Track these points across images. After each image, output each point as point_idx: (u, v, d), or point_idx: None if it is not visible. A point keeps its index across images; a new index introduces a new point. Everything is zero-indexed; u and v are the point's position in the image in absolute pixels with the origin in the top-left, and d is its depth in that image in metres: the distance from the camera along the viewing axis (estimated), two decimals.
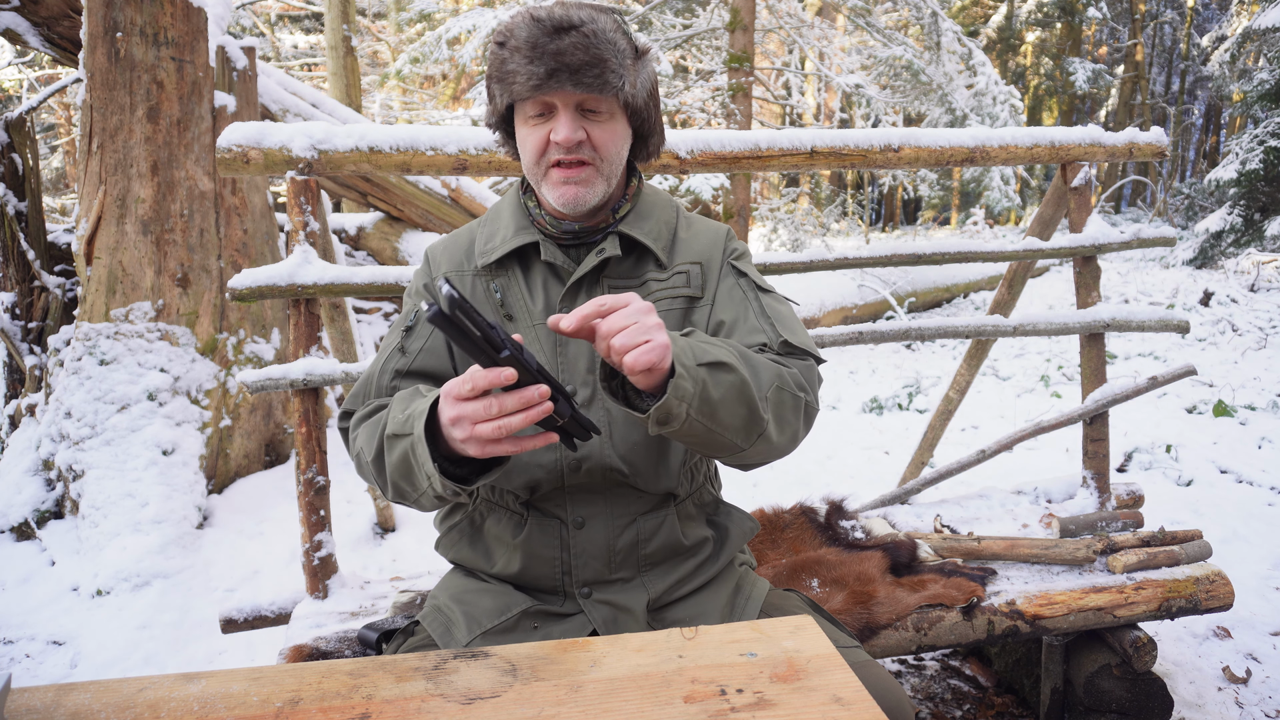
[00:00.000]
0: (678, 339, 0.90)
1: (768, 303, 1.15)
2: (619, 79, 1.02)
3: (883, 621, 1.65)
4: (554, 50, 0.98)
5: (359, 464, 1.10)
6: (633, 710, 0.72)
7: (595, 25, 1.00)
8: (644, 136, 1.14)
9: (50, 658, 2.44)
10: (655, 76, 1.11)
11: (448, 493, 0.92)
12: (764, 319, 1.12)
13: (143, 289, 3.28)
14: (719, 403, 0.91)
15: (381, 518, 3.23)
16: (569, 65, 0.99)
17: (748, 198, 7.23)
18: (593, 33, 1.00)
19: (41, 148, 15.94)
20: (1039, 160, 2.22)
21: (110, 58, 3.18)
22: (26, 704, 0.74)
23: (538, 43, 0.99)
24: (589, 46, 0.99)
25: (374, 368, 1.17)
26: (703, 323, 1.16)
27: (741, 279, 1.17)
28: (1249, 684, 2.09)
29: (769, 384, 0.98)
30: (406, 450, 0.94)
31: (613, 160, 1.08)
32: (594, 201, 1.08)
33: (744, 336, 1.11)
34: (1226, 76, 10.54)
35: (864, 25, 9.25)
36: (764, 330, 1.11)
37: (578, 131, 1.03)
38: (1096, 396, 2.23)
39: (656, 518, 1.15)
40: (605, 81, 1.01)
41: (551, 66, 0.99)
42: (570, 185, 1.06)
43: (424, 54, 7.74)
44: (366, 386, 1.17)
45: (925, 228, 18.19)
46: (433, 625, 1.16)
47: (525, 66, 1.00)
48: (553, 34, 0.99)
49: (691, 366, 0.88)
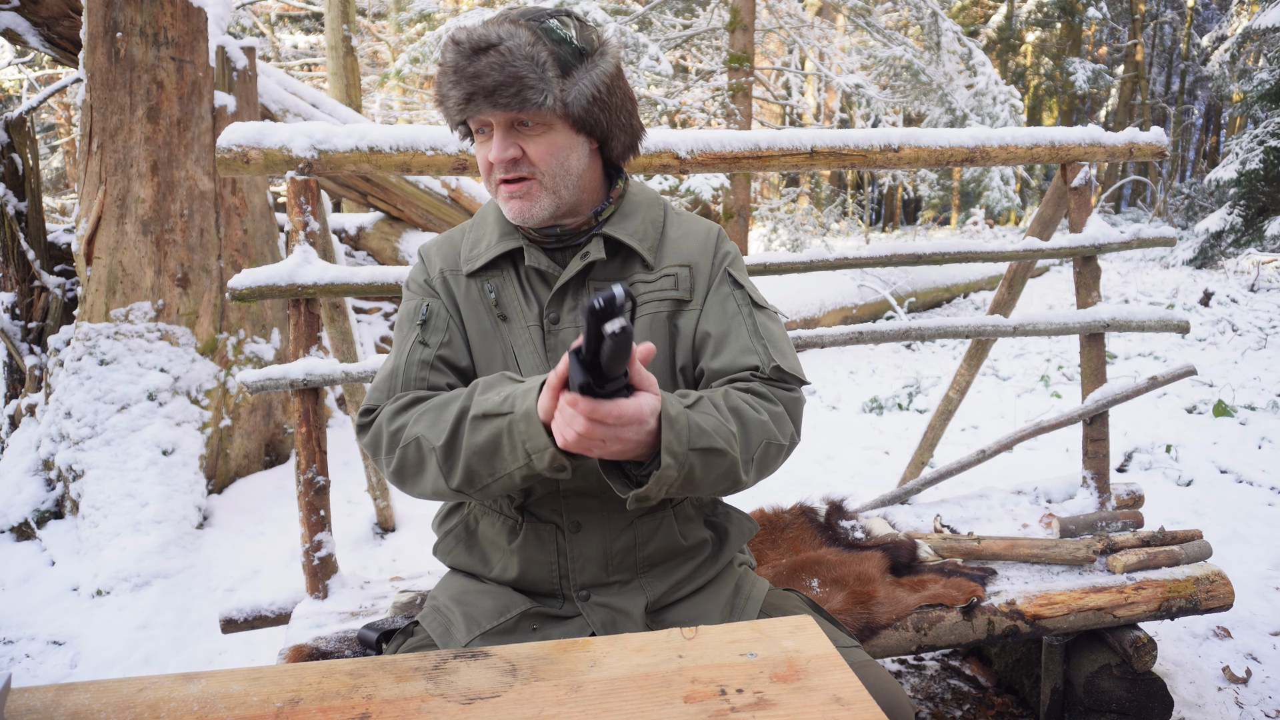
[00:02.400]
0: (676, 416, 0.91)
1: (761, 321, 1.14)
2: (539, 94, 1.00)
3: (883, 621, 1.65)
4: (471, 73, 0.99)
5: (403, 455, 1.05)
6: (633, 710, 0.72)
7: (513, 42, 0.99)
8: (602, 139, 1.11)
9: (50, 658, 2.44)
10: (612, 75, 1.07)
11: (553, 468, 0.94)
12: (757, 339, 1.12)
13: (143, 289, 3.28)
14: (700, 479, 0.96)
15: (381, 518, 3.22)
16: (484, 88, 0.99)
17: (748, 198, 7.23)
18: (508, 50, 0.99)
19: (41, 148, 15.93)
20: (1039, 160, 2.22)
21: (110, 58, 3.18)
22: (26, 704, 0.74)
23: (459, 66, 1.00)
24: (505, 65, 0.98)
25: (397, 361, 1.15)
26: (689, 328, 1.14)
27: (737, 291, 1.16)
28: (1249, 684, 2.09)
29: (757, 444, 1.01)
30: (502, 429, 0.96)
31: (556, 172, 1.06)
32: (543, 215, 1.07)
33: (736, 356, 1.10)
34: (1226, 76, 10.54)
35: (864, 25, 9.25)
36: (757, 352, 1.10)
37: (509, 149, 1.04)
38: (1096, 396, 2.23)
39: (654, 520, 1.15)
40: (524, 99, 1.00)
41: (469, 90, 1.00)
42: (515, 200, 1.06)
43: (424, 54, 7.74)
44: (392, 380, 1.14)
45: (925, 228, 18.19)
46: (432, 626, 1.16)
47: (451, 90, 1.01)
48: (470, 56, 1.00)
49: (681, 453, 0.91)
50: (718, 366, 1.11)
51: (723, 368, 1.10)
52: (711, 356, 1.12)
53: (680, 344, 1.14)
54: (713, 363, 1.11)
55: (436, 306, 1.17)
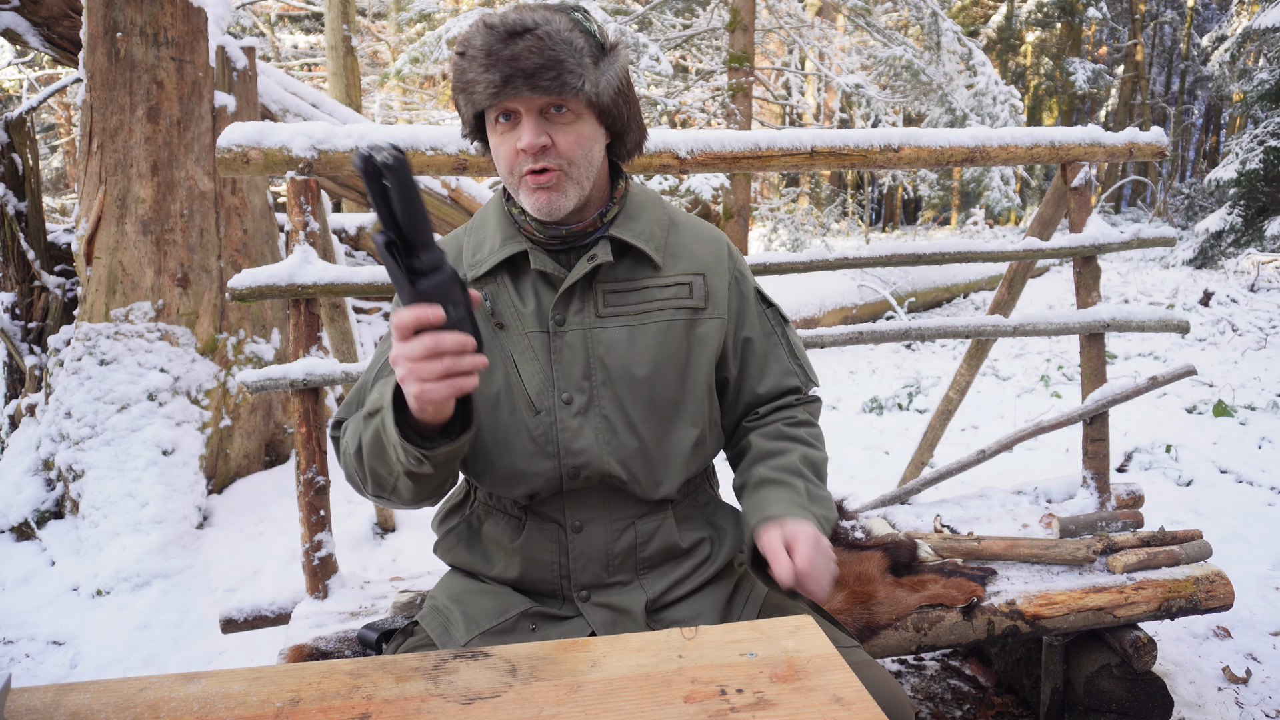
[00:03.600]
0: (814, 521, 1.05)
1: (793, 340, 1.25)
2: (578, 79, 1.00)
3: (883, 621, 1.65)
4: (508, 56, 0.97)
5: (346, 465, 1.08)
6: (633, 710, 0.72)
7: (550, 26, 0.99)
8: (619, 134, 1.12)
9: (50, 658, 2.44)
10: (626, 71, 1.08)
11: (411, 461, 0.91)
12: (794, 360, 1.24)
13: (143, 289, 3.28)
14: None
15: (381, 518, 3.23)
16: (524, 70, 0.97)
17: (748, 198, 7.23)
18: (547, 34, 0.98)
19: (41, 148, 15.94)
20: (1039, 160, 2.22)
21: (110, 58, 3.18)
22: (26, 704, 0.74)
23: (492, 49, 0.98)
24: (544, 49, 0.98)
25: (366, 376, 1.16)
26: (711, 336, 1.15)
27: (768, 310, 1.25)
28: (1249, 684, 2.09)
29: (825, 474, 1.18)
30: (378, 426, 0.94)
31: (582, 163, 1.06)
32: (569, 206, 1.06)
33: (779, 379, 1.22)
34: (1226, 76, 10.55)
35: (864, 25, 9.25)
36: (796, 374, 1.23)
37: (541, 137, 1.02)
38: (1096, 396, 2.23)
39: (654, 520, 1.15)
40: (563, 83, 0.99)
41: (506, 72, 0.97)
42: (543, 191, 1.04)
43: (424, 54, 7.74)
44: (360, 394, 1.16)
45: (925, 228, 18.20)
46: (431, 625, 1.16)
47: (482, 75, 0.99)
48: (506, 39, 0.98)
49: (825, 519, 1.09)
50: (764, 392, 1.22)
51: (768, 393, 1.22)
52: (757, 380, 1.22)
53: (703, 352, 1.15)
54: (759, 387, 1.22)
55: None
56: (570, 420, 1.10)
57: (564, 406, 1.10)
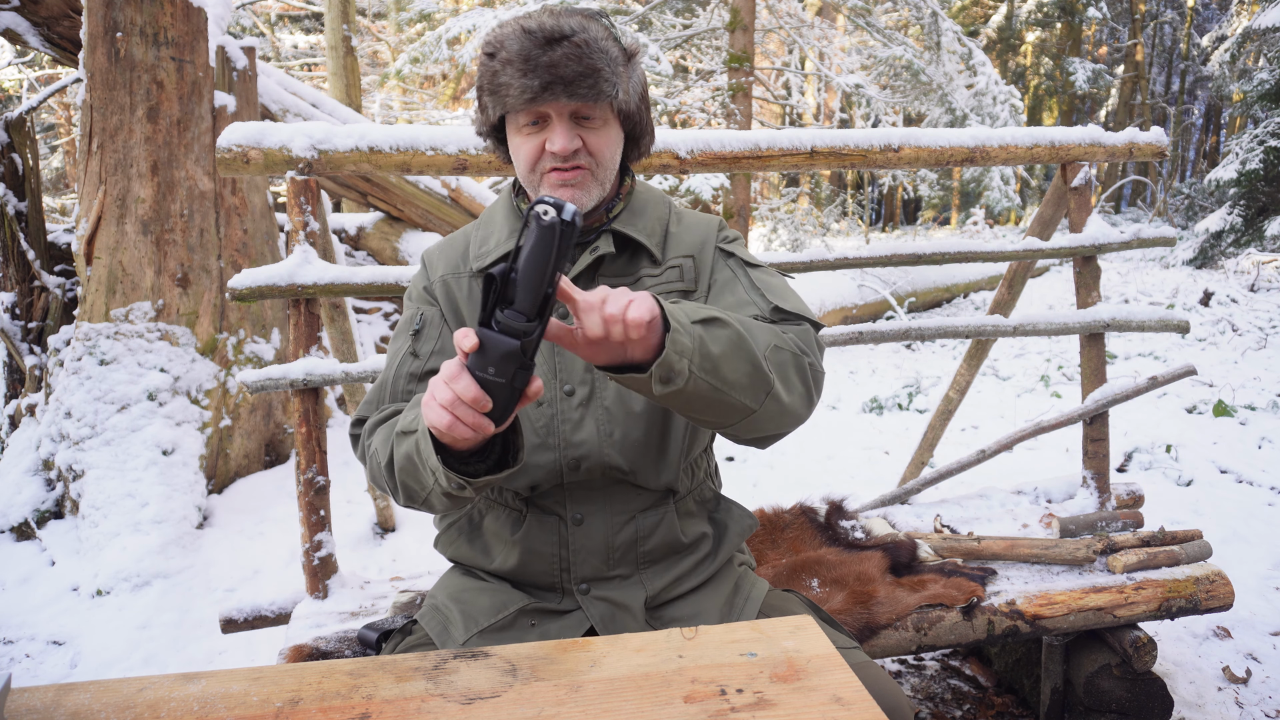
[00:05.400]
0: (666, 304, 0.88)
1: (757, 276, 1.13)
2: (613, 87, 1.02)
3: (883, 621, 1.65)
4: (547, 62, 0.98)
5: (373, 471, 1.09)
6: (633, 710, 0.72)
7: (587, 34, 1.00)
8: (636, 138, 1.15)
9: (50, 658, 2.44)
10: (645, 77, 1.11)
11: (453, 487, 0.90)
12: (753, 291, 1.11)
13: (143, 289, 3.28)
14: (720, 357, 0.89)
15: (381, 518, 3.23)
16: (563, 77, 0.99)
17: (748, 198, 7.23)
18: (585, 42, 0.99)
19: (41, 148, 15.93)
20: (1039, 160, 2.22)
21: (110, 58, 3.18)
22: (26, 704, 0.74)
23: (530, 55, 0.99)
24: (582, 57, 0.99)
25: (386, 373, 1.17)
26: None
27: (730, 259, 1.17)
28: (1249, 684, 2.09)
29: (766, 344, 0.96)
30: (411, 446, 0.94)
31: (607, 165, 1.09)
32: (589, 204, 1.09)
33: (733, 310, 1.08)
34: (1226, 76, 10.55)
35: (864, 25, 9.24)
36: (754, 302, 1.09)
37: (574, 141, 1.04)
38: (1096, 396, 2.23)
39: (655, 514, 1.16)
40: (600, 91, 1.01)
41: (546, 79, 0.99)
42: (568, 188, 1.06)
43: (424, 54, 7.73)
44: (381, 392, 1.16)
45: (925, 228, 18.19)
46: (430, 624, 1.16)
47: (518, 79, 0.99)
48: (545, 45, 0.99)
49: (686, 323, 0.87)
50: None
51: None
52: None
53: None
54: None
55: (431, 315, 1.17)
56: (572, 412, 1.11)
57: (566, 398, 1.11)
